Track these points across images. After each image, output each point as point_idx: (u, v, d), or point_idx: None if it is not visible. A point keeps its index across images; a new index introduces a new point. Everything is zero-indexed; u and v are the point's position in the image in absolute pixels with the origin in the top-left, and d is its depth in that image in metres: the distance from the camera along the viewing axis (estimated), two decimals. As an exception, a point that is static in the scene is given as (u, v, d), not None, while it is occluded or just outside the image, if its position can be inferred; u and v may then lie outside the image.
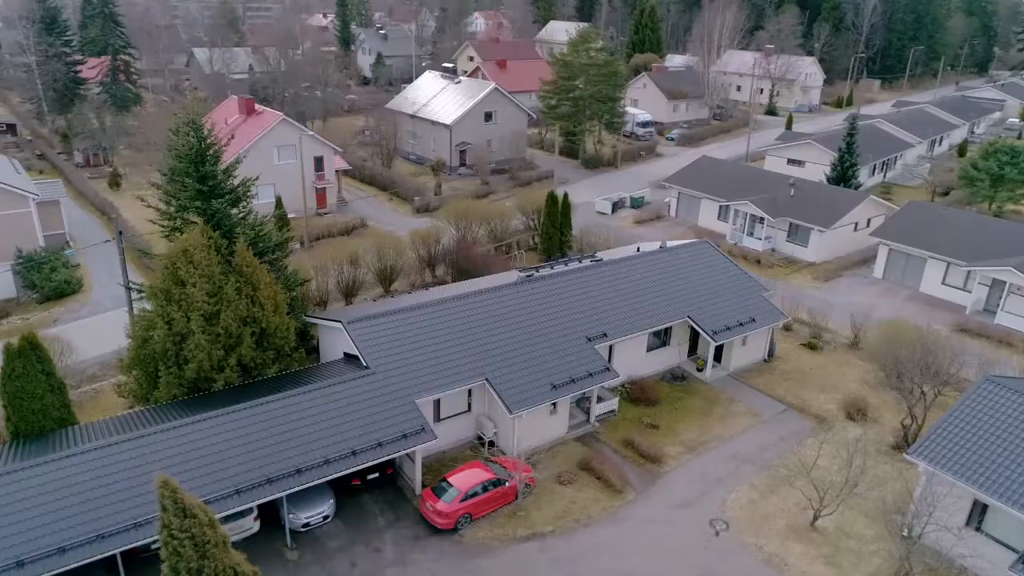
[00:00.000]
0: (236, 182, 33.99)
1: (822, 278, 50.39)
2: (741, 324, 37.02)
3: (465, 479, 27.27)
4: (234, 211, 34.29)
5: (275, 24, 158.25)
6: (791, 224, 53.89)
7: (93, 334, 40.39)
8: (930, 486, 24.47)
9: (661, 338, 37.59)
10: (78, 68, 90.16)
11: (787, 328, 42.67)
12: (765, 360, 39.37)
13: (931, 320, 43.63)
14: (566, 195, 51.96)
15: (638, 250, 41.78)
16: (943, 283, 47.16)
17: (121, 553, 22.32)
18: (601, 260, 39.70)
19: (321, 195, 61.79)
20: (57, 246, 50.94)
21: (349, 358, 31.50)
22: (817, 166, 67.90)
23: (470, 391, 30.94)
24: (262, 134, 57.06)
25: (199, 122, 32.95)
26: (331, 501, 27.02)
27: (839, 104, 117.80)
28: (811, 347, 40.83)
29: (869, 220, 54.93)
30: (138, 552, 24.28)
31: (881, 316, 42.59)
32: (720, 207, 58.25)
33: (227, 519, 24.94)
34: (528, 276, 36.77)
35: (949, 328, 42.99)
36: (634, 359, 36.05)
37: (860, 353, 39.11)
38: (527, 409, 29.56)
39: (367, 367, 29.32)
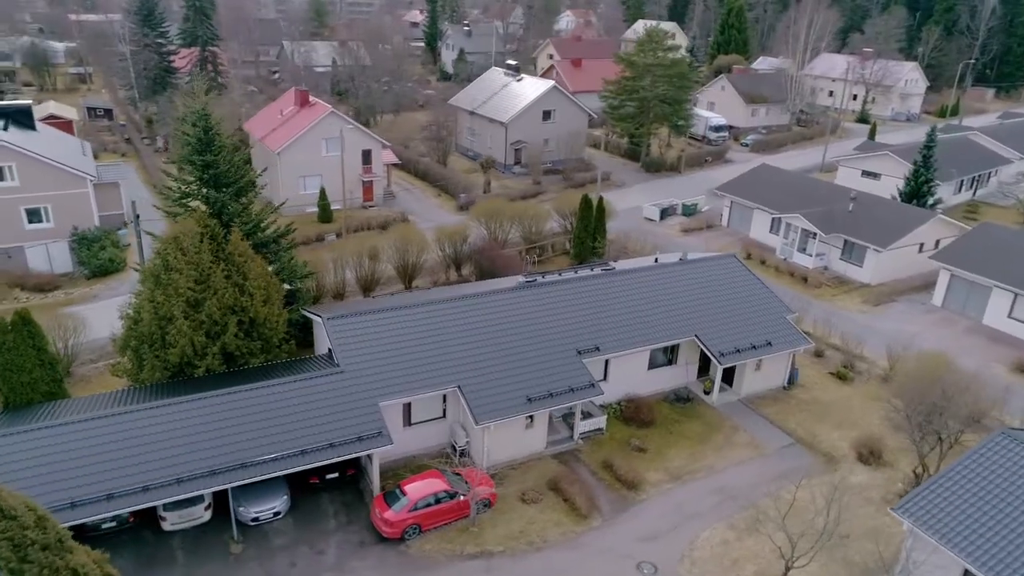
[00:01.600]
0: (241, 174, 34.47)
1: (873, 302, 46.35)
2: (754, 347, 34.39)
3: (418, 489, 26.44)
4: (243, 200, 34.90)
5: (369, 19, 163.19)
6: (846, 241, 49.91)
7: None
8: (910, 548, 21.67)
9: (667, 355, 35.47)
10: (171, 58, 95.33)
11: (818, 354, 39.48)
12: (784, 387, 36.48)
13: (991, 356, 39.64)
14: (601, 199, 50.15)
15: (656, 260, 39.64)
16: (1010, 316, 42.35)
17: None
18: (613, 269, 37.88)
19: (368, 188, 62.41)
20: (114, 226, 53.67)
21: (331, 354, 31.28)
22: (894, 180, 62.75)
23: (445, 397, 30.10)
24: (310, 126, 58.12)
25: (207, 112, 33.67)
26: (285, 498, 26.83)
27: (942, 113, 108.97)
28: (840, 377, 37.54)
29: (938, 241, 50.13)
30: (86, 531, 25.00)
31: (926, 347, 38.63)
32: (773, 219, 54.74)
33: (177, 506, 25.35)
34: (531, 282, 35.50)
35: (1010, 367, 38.66)
36: (633, 376, 34.15)
37: (891, 387, 35.56)
38: (495, 420, 28.41)
39: (337, 365, 28.99)
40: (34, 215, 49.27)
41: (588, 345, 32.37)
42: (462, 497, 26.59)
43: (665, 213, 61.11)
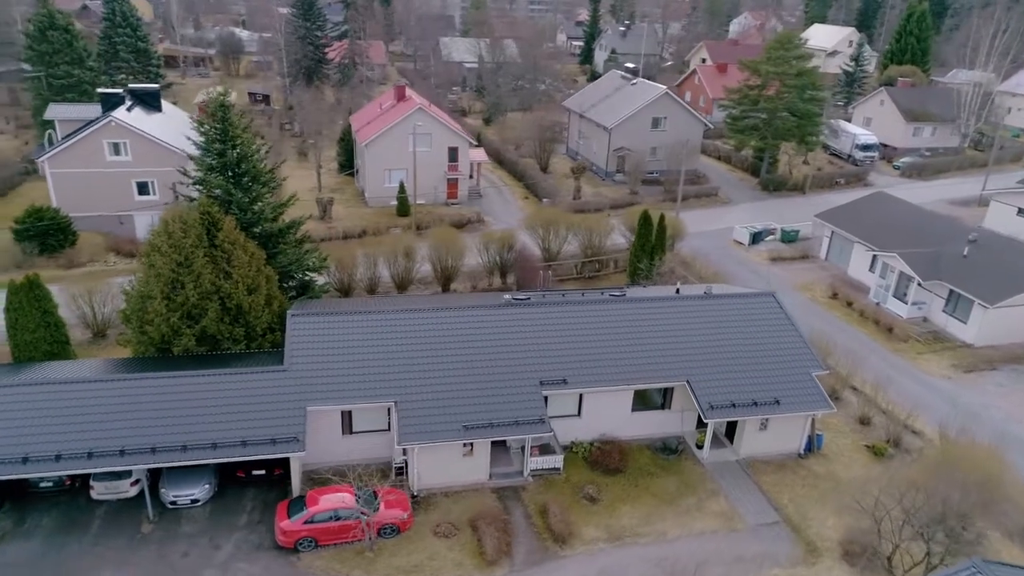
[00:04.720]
0: (253, 164, 35.50)
1: (965, 367, 38.63)
2: (756, 404, 29.78)
3: (320, 502, 25.66)
4: (254, 191, 35.96)
5: (543, 18, 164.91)
6: (951, 291, 42.06)
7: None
8: None
9: (661, 399, 31.76)
10: (324, 50, 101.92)
11: (863, 421, 33.62)
12: (800, 455, 31.32)
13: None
14: (662, 217, 46.15)
15: (677, 292, 35.67)
16: None
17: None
18: (623, 296, 34.61)
19: (452, 185, 62.47)
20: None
21: (294, 351, 31.29)
22: (1056, 222, 52.27)
23: (389, 410, 29.01)
24: (397, 121, 59.05)
25: (228, 104, 35.05)
26: (207, 486, 27.19)
27: None
28: (876, 451, 31.61)
29: (1078, 303, 40.82)
30: (28, 487, 26.98)
31: (1012, 431, 31.50)
32: (873, 256, 47.51)
33: (105, 477, 26.58)
34: (519, 301, 33.35)
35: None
36: (612, 416, 30.97)
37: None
38: (419, 443, 26.89)
39: (281, 363, 28.91)
40: (143, 187, 54.45)
41: (555, 376, 29.73)
42: (363, 518, 25.42)
43: (757, 237, 55.29)
